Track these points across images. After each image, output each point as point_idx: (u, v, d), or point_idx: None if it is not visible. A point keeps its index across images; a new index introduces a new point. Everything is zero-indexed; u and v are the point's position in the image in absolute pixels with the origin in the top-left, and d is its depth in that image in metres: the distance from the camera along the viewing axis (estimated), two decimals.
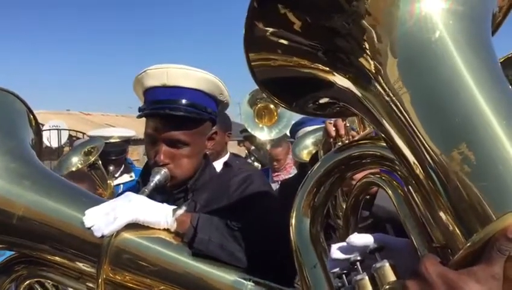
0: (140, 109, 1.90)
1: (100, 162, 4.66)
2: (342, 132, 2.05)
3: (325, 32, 0.94)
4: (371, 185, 1.17)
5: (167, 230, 1.59)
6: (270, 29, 0.97)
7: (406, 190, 0.99)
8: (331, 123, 2.11)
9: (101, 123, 19.07)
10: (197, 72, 1.85)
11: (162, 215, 1.58)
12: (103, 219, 1.48)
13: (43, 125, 17.95)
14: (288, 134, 7.22)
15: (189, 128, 1.83)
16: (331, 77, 1.00)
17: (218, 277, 1.55)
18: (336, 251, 1.00)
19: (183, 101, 1.81)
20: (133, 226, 1.54)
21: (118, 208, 1.51)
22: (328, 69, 0.99)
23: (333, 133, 2.06)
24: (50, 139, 17.14)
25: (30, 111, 1.83)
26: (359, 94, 0.96)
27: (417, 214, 0.93)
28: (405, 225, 0.96)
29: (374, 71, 0.91)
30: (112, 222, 1.47)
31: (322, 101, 1.16)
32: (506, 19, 1.05)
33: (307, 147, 3.39)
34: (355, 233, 1.00)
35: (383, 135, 0.95)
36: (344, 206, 2.11)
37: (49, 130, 17.14)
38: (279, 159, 5.51)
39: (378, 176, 1.11)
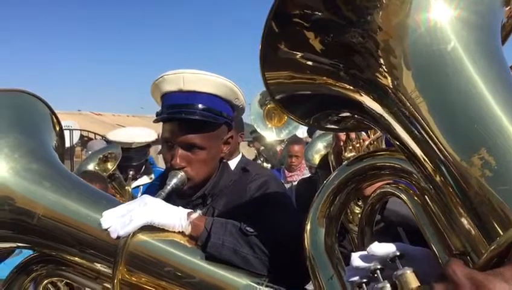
0: (157, 114, 1.94)
1: (118, 171, 4.57)
2: (353, 135, 2.06)
3: (341, 49, 0.96)
4: (387, 195, 1.18)
5: (182, 233, 1.62)
6: (286, 48, 1.00)
7: (423, 199, 1.00)
8: None
9: (113, 123, 19.22)
10: (212, 77, 1.88)
11: (177, 218, 1.60)
12: (119, 220, 1.52)
13: None
14: (299, 135, 7.23)
15: (204, 132, 1.87)
16: (347, 92, 1.02)
17: (231, 281, 1.56)
18: (356, 259, 1.00)
19: (199, 105, 1.84)
20: (148, 228, 1.56)
21: (134, 210, 1.55)
22: (345, 84, 1.02)
23: (343, 137, 2.07)
24: None
25: (53, 114, 1.86)
26: (376, 106, 0.98)
27: (435, 222, 0.94)
28: (424, 233, 0.97)
29: (390, 84, 0.93)
30: (127, 223, 1.51)
31: (340, 116, 1.18)
32: None
33: (319, 151, 3.41)
34: (376, 242, 1.00)
35: (400, 145, 0.96)
36: (355, 210, 2.13)
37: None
38: (297, 155, 5.54)
39: (395, 185, 1.12)
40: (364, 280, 0.98)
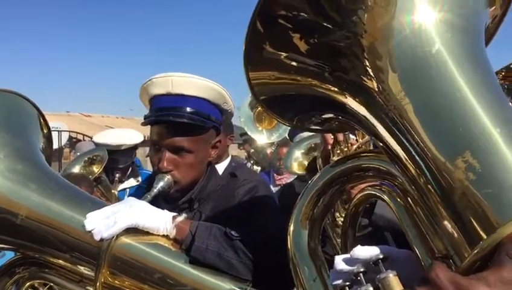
0: (145, 117, 1.94)
1: (104, 174, 4.50)
2: (341, 138, 2.06)
3: (326, 50, 0.96)
4: (370, 197, 1.18)
5: (166, 236, 1.61)
6: (269, 48, 0.99)
7: (406, 201, 1.00)
8: None
9: (101, 125, 19.09)
10: (201, 81, 1.88)
11: (162, 221, 1.59)
12: (103, 222, 1.50)
13: None
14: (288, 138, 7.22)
15: (192, 135, 1.86)
16: (331, 93, 1.02)
17: (214, 285, 1.56)
18: (340, 262, 1.00)
19: (187, 108, 1.84)
20: (133, 231, 1.55)
21: (119, 213, 1.53)
22: (328, 86, 1.02)
23: (331, 141, 2.07)
24: None
25: (41, 115, 1.85)
26: (360, 108, 0.98)
27: (419, 224, 0.94)
28: (407, 235, 0.97)
29: (374, 85, 0.93)
30: (111, 225, 1.49)
31: (323, 117, 1.18)
32: (498, 30, 1.09)
33: (298, 159, 3.41)
34: (359, 246, 1.00)
35: (384, 147, 0.96)
36: (343, 214, 2.13)
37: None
38: None
39: (379, 187, 1.12)
40: (348, 283, 0.97)
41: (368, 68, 0.93)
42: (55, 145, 17.26)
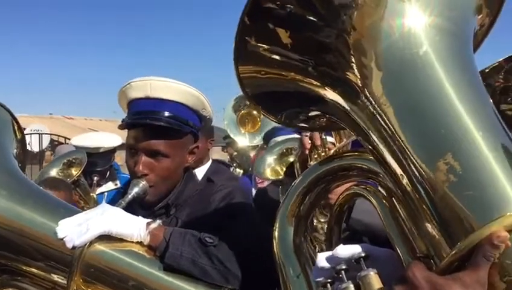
0: (123, 121, 1.91)
1: (83, 177, 4.43)
2: (318, 143, 2.06)
3: (313, 46, 0.96)
4: (355, 196, 1.18)
5: (140, 243, 1.58)
6: (259, 43, 0.99)
7: (390, 200, 1.01)
8: (307, 135, 2.11)
9: (84, 128, 18.93)
10: (180, 86, 1.86)
11: (136, 228, 1.57)
12: (76, 229, 1.48)
13: (24, 129, 17.71)
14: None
15: (169, 139, 1.84)
16: (318, 90, 1.02)
17: None
18: (322, 260, 1.01)
19: (165, 112, 1.82)
20: (106, 238, 1.53)
21: (91, 219, 1.51)
22: (315, 82, 1.01)
23: (308, 145, 2.07)
24: (31, 144, 16.93)
25: (15, 120, 1.83)
26: (346, 107, 0.98)
27: (401, 224, 0.94)
28: (389, 235, 0.98)
29: (360, 85, 0.93)
30: (84, 233, 1.47)
31: (310, 114, 1.17)
32: (485, 38, 1.09)
33: (270, 165, 3.41)
34: (341, 245, 1.00)
35: (369, 147, 0.96)
36: (321, 219, 2.13)
37: (30, 134, 16.95)
38: None
39: (363, 186, 1.12)
40: (329, 280, 0.98)
41: (353, 66, 0.93)
42: (36, 149, 17.11)
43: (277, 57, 1.00)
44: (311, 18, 0.93)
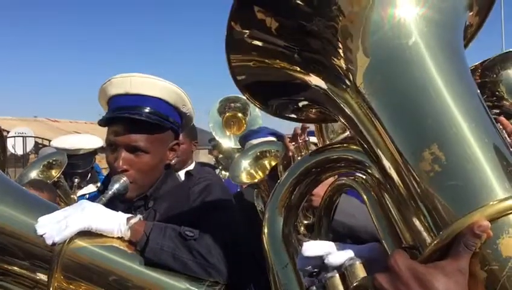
0: (103, 117, 1.90)
1: (63, 178, 4.38)
2: (302, 145, 2.08)
3: (301, 34, 0.95)
4: (344, 187, 1.19)
5: (121, 238, 1.58)
6: (250, 32, 0.99)
7: (378, 191, 1.01)
8: (289, 138, 2.14)
9: (69, 130, 18.69)
10: (160, 82, 1.86)
11: (116, 223, 1.57)
12: (55, 226, 1.47)
13: (8, 132, 17.51)
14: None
15: (149, 133, 1.83)
16: (307, 78, 1.02)
17: (169, 286, 1.55)
18: (307, 249, 1.00)
19: (145, 108, 1.82)
20: (86, 234, 1.52)
21: (71, 216, 1.50)
22: (304, 70, 1.01)
23: (292, 147, 2.09)
24: (15, 147, 16.74)
25: None
26: (332, 95, 0.98)
27: (388, 215, 0.94)
28: (376, 227, 0.98)
29: (347, 73, 0.93)
30: (63, 229, 1.46)
31: (300, 104, 1.17)
32: (475, 38, 1.10)
33: (246, 169, 3.40)
34: (330, 242, 1.02)
35: (358, 138, 0.96)
36: (304, 221, 2.15)
37: (14, 137, 16.75)
38: None
39: (352, 177, 1.12)
40: (316, 270, 0.99)
41: (339, 51, 0.92)
42: (20, 152, 16.89)
43: (267, 45, 1.00)
44: (300, 3, 0.92)
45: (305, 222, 2.20)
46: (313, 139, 2.30)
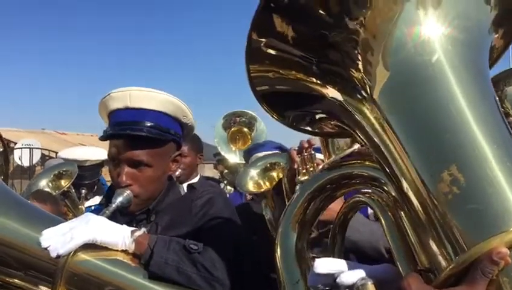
0: (104, 132, 1.90)
1: (72, 188, 4.39)
2: (305, 145, 2.05)
3: (322, 46, 0.95)
4: (360, 204, 1.17)
5: (125, 251, 1.58)
6: (270, 42, 0.98)
7: (394, 211, 0.98)
8: (295, 150, 2.12)
9: (76, 143, 18.78)
10: (159, 95, 1.86)
11: (120, 236, 1.57)
12: (59, 239, 1.46)
13: (15, 143, 17.63)
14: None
15: (151, 148, 1.83)
16: (324, 90, 1.01)
17: None
18: (319, 266, 0.99)
19: (146, 122, 1.82)
20: (91, 247, 1.52)
21: (75, 228, 1.50)
22: (321, 82, 1.00)
23: (297, 159, 2.07)
24: (22, 158, 16.82)
25: None
26: (350, 108, 0.96)
27: (404, 236, 0.92)
28: (391, 247, 0.96)
29: (364, 85, 0.91)
30: (68, 242, 1.46)
31: (317, 117, 1.17)
32: (501, 57, 1.08)
33: (253, 178, 3.40)
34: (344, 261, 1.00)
35: (374, 153, 0.94)
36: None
37: (21, 148, 16.85)
38: None
39: (368, 195, 1.11)
40: (327, 288, 0.98)
41: (359, 63, 0.91)
42: (26, 163, 16.96)
43: (286, 56, 0.98)
44: (323, 14, 0.91)
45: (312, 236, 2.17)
46: (319, 155, 2.27)
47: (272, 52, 0.99)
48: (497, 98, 0.90)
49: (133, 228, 1.63)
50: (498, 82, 2.81)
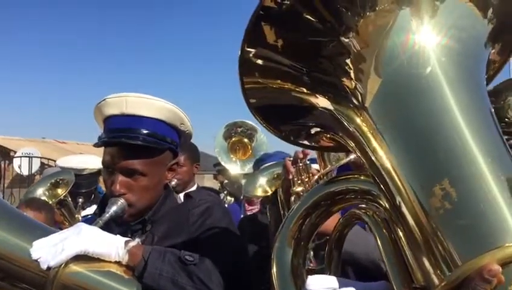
0: (99, 138, 1.85)
1: (69, 198, 4.37)
2: (304, 158, 2.03)
3: (315, 57, 0.93)
4: (355, 218, 1.16)
5: (118, 263, 1.53)
6: (265, 53, 0.96)
7: (388, 226, 0.96)
8: (290, 160, 2.10)
9: (75, 152, 18.74)
10: (156, 101, 1.81)
11: (113, 247, 1.52)
12: (50, 250, 1.43)
13: (15, 152, 17.64)
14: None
15: (146, 157, 1.78)
16: (315, 100, 1.00)
17: None
18: (311, 283, 0.98)
19: (142, 130, 1.77)
20: (83, 258, 1.47)
21: (67, 239, 1.46)
22: (313, 92, 0.99)
23: (292, 169, 2.05)
24: (21, 167, 16.82)
25: None
26: (340, 117, 0.95)
27: (399, 252, 0.90)
28: (385, 264, 0.94)
29: (355, 92, 0.90)
30: (59, 253, 1.41)
31: (312, 131, 1.15)
32: (501, 70, 1.07)
33: (262, 185, 3.40)
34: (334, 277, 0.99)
35: (368, 168, 0.93)
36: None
37: (21, 157, 16.86)
38: None
39: (364, 210, 1.09)
40: None
41: (350, 73, 0.90)
42: (26, 172, 16.95)
43: (280, 67, 0.98)
44: (317, 23, 0.90)
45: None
46: (315, 166, 2.26)
47: (265, 63, 0.97)
48: (493, 110, 0.88)
49: (126, 239, 1.59)
50: (500, 92, 2.79)
